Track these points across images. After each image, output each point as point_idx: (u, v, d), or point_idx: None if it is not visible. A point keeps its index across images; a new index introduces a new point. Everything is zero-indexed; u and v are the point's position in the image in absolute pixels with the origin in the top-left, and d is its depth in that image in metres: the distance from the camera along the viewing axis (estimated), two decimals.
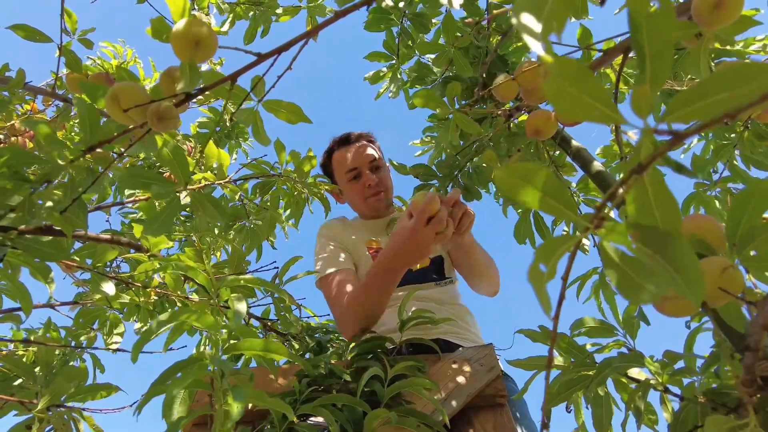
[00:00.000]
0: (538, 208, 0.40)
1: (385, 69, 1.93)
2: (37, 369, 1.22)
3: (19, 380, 1.18)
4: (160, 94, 0.72)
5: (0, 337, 1.23)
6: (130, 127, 0.73)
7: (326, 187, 1.42)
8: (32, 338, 1.46)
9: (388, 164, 1.65)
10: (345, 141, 1.61)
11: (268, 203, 1.33)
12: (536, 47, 0.29)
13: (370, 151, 1.57)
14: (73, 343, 1.23)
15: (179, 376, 0.63)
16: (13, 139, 1.88)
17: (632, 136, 1.79)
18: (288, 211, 1.56)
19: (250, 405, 0.62)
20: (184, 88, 0.65)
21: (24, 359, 1.50)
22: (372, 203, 1.54)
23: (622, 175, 0.35)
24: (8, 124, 1.88)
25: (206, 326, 0.58)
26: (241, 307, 0.66)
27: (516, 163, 1.27)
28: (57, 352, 1.32)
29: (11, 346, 1.55)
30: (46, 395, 1.05)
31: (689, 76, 1.28)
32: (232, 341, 0.61)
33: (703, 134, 1.83)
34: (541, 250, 0.35)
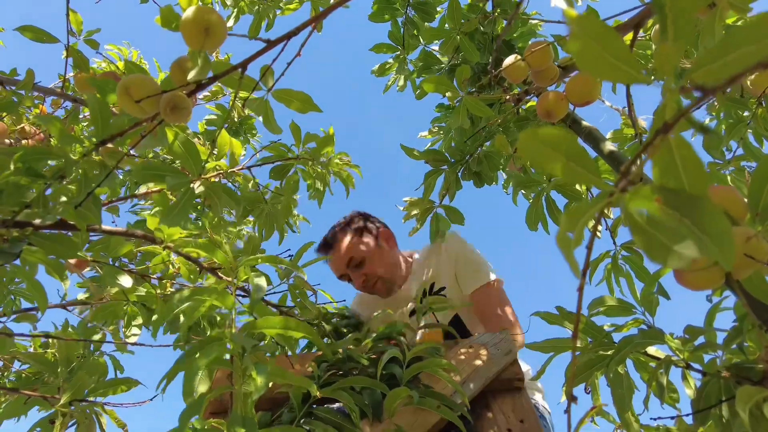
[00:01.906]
0: (561, 175, 0.39)
1: (391, 60, 1.92)
2: (58, 365, 1.24)
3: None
4: (171, 85, 0.72)
5: (22, 334, 1.24)
6: (143, 119, 0.74)
7: (347, 164, 1.42)
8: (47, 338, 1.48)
9: (377, 243, 1.63)
10: (324, 248, 1.63)
11: (284, 188, 1.33)
12: (559, 2, 0.29)
13: (346, 252, 1.56)
14: (96, 337, 1.24)
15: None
16: (23, 141, 1.90)
17: (642, 122, 1.77)
18: (307, 195, 1.56)
19: (270, 384, 0.62)
20: (196, 77, 0.65)
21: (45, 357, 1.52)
22: (375, 293, 1.59)
23: (647, 136, 0.35)
24: (18, 127, 1.90)
25: (226, 306, 0.58)
26: (261, 282, 0.66)
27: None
28: (80, 351, 1.33)
29: (30, 349, 1.57)
30: (68, 390, 1.06)
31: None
32: (250, 320, 0.61)
33: (714, 113, 1.80)
34: (568, 216, 0.35)
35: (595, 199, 0.36)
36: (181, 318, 0.64)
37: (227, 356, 0.60)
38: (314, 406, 0.86)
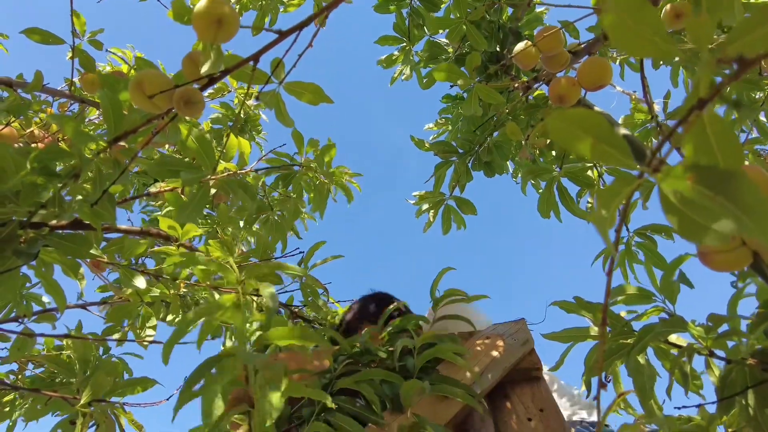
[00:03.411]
0: (590, 156, 0.38)
1: (396, 52, 1.91)
2: (74, 366, 1.24)
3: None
4: (183, 79, 0.72)
5: (42, 334, 1.25)
6: (156, 114, 0.73)
7: (348, 177, 1.42)
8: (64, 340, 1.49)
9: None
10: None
11: (292, 193, 1.33)
12: None
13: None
14: (112, 337, 1.24)
15: (213, 373, 0.63)
16: (33, 146, 1.90)
17: (656, 106, 1.75)
18: (311, 205, 1.55)
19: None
20: (210, 70, 0.64)
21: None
22: None
23: (684, 108, 0.34)
24: (27, 131, 1.90)
25: (236, 323, 0.58)
26: (271, 295, 0.65)
27: (543, 130, 1.26)
28: (95, 353, 1.34)
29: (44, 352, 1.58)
30: (87, 391, 1.07)
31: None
32: (261, 332, 0.60)
33: (724, 96, 1.77)
34: (602, 195, 0.34)
35: (628, 178, 0.36)
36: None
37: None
38: (333, 406, 0.86)
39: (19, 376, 1.52)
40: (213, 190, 0.82)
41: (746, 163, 1.46)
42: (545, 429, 0.96)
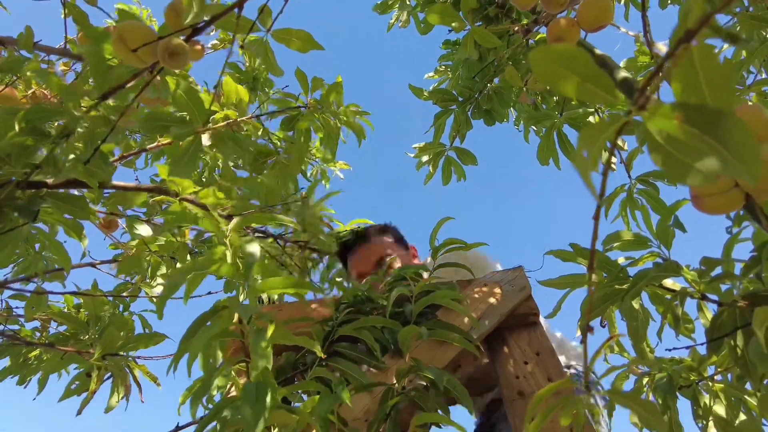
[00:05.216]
0: (574, 95, 0.37)
1: None
2: (89, 323, 1.29)
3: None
4: (167, 31, 0.70)
5: (53, 292, 1.29)
6: (141, 68, 0.72)
7: (357, 114, 1.38)
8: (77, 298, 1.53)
9: (408, 256, 1.58)
10: (353, 245, 1.54)
11: (297, 136, 1.30)
12: None
13: (382, 248, 1.50)
14: (123, 294, 1.28)
15: (209, 325, 0.65)
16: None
17: (662, 47, 1.68)
18: (321, 144, 1.51)
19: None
20: (192, 20, 0.62)
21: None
22: None
23: (672, 40, 0.32)
24: (29, 92, 1.86)
25: (228, 275, 0.59)
26: (254, 249, 0.66)
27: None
28: (107, 306, 1.38)
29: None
30: (100, 345, 1.11)
31: None
32: (253, 283, 0.62)
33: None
34: (584, 135, 0.33)
35: (612, 118, 0.35)
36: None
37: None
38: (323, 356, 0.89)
39: (44, 333, 1.58)
40: (208, 142, 0.81)
41: (749, 103, 1.42)
42: (541, 371, 1.00)
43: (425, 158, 1.66)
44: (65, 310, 1.58)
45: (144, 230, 0.99)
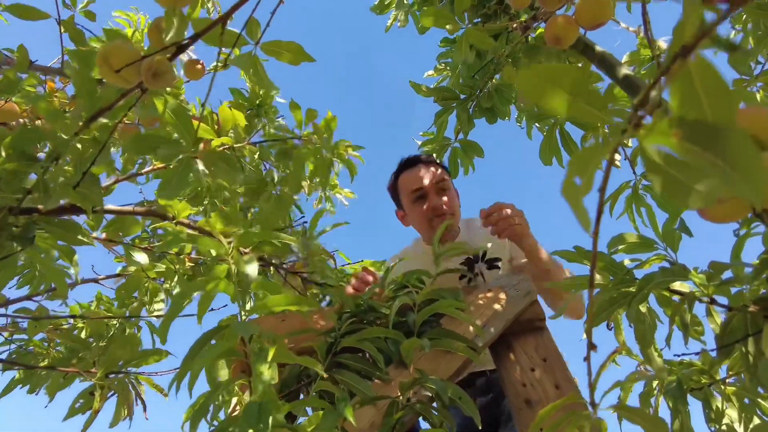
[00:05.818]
0: (566, 114, 0.35)
1: None
2: (91, 341, 1.29)
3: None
4: (152, 50, 0.68)
5: (57, 315, 1.29)
6: (127, 89, 0.70)
7: (350, 150, 1.37)
8: (80, 313, 1.53)
9: (456, 190, 1.59)
10: (412, 162, 1.56)
11: (291, 167, 1.29)
12: None
13: (436, 172, 1.51)
14: (127, 313, 1.28)
15: (213, 344, 0.64)
16: (38, 122, 1.87)
17: (662, 44, 1.65)
18: (316, 179, 1.52)
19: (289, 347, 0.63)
20: (174, 38, 0.60)
21: (77, 333, 1.58)
22: (437, 225, 1.48)
23: (665, 60, 0.30)
24: (29, 107, 1.85)
25: (230, 294, 0.58)
26: (252, 269, 0.65)
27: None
28: (114, 322, 1.38)
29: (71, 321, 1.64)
30: (103, 363, 1.11)
31: None
32: (257, 301, 0.60)
33: (741, 25, 1.66)
34: (574, 161, 0.31)
35: (606, 139, 0.33)
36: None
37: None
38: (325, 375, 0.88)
39: (51, 344, 1.58)
40: (201, 166, 0.80)
41: (749, 102, 1.38)
42: (549, 378, 0.98)
43: (430, 146, 1.64)
44: (70, 323, 1.59)
45: (141, 258, 0.98)
